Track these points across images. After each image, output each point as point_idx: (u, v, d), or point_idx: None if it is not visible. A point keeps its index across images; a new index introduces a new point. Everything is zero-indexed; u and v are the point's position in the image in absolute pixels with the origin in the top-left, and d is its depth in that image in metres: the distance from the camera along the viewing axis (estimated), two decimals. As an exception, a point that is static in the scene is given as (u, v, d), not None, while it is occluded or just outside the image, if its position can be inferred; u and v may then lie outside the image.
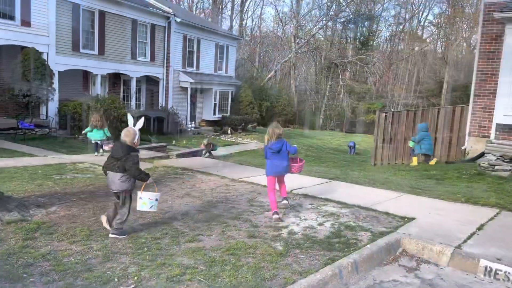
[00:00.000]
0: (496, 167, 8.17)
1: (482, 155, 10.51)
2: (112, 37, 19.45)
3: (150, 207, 4.74)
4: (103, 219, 4.85)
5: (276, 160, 5.79)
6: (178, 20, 22.96)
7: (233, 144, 22.32)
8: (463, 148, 11.56)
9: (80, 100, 16.37)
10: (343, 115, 49.85)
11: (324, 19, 50.73)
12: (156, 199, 4.80)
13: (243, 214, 5.73)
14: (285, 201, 5.97)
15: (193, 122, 25.51)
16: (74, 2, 17.20)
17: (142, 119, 4.96)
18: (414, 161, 11.78)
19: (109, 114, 16.12)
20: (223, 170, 8.86)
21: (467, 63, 52.82)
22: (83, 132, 12.68)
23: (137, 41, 21.12)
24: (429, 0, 53.58)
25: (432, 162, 11.65)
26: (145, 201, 4.69)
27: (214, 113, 26.99)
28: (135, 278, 3.58)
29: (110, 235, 4.60)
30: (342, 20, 52.44)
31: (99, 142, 12.06)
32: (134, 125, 4.83)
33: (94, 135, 11.95)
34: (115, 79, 21.17)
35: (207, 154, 16.78)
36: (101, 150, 12.07)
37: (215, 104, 26.92)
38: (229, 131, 25.49)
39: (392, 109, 50.59)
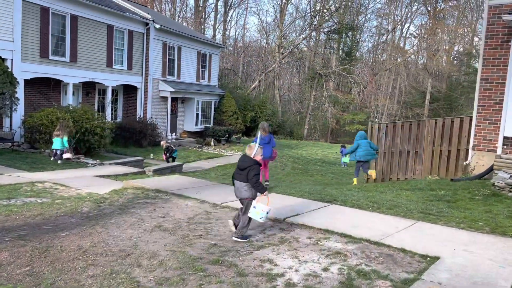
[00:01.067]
0: (514, 187, 7.24)
1: (489, 171, 9.58)
2: (85, 43, 18.14)
3: (260, 218, 5.06)
4: (230, 223, 5.36)
5: (265, 148, 8.14)
6: (158, 26, 21.79)
7: (217, 156, 21.11)
8: (465, 163, 10.64)
9: (48, 110, 14.97)
10: (327, 126, 49.21)
11: (308, 29, 50.19)
12: (267, 212, 5.12)
13: (227, 254, 4.55)
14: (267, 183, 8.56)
15: (174, 134, 24.22)
16: (42, 5, 15.87)
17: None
18: (354, 181, 11.89)
19: (80, 126, 14.79)
20: (203, 191, 7.67)
21: (448, 74, 53.11)
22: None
23: (114, 48, 19.83)
24: (410, 12, 53.64)
25: (372, 172, 11.84)
26: (258, 210, 5.05)
27: (196, 124, 25.76)
28: None
29: (233, 238, 5.10)
30: (326, 30, 52.05)
31: (58, 151, 12.86)
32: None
33: (54, 144, 12.89)
34: (89, 88, 19.80)
35: (168, 160, 15.82)
36: (59, 161, 12.73)
37: (197, 115, 25.71)
38: (212, 143, 24.28)
39: (378, 120, 50.23)
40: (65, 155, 13.01)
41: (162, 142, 16.77)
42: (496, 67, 9.78)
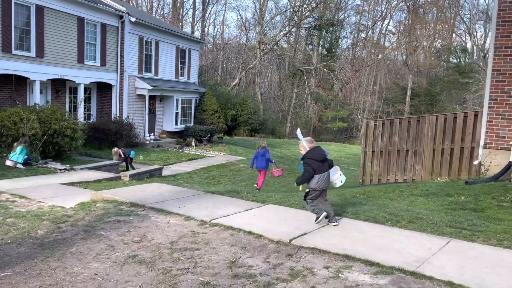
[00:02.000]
0: (548, 192, 6.31)
1: (505, 171, 8.68)
2: (53, 37, 16.60)
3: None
4: (323, 215, 5.45)
5: (259, 160, 11.42)
6: (133, 19, 20.33)
7: (198, 158, 19.84)
8: (475, 163, 9.76)
9: (11, 110, 13.46)
10: (310, 123, 48.36)
11: (289, 25, 49.20)
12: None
13: (224, 299, 3.39)
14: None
15: (152, 134, 22.81)
16: (3, -6, 14.31)
17: (298, 130, 6.59)
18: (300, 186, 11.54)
19: (48, 127, 13.34)
20: (187, 203, 6.47)
21: (428, 70, 53.00)
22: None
23: (85, 42, 18.31)
24: (390, 8, 53.25)
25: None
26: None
27: (176, 123, 24.39)
28: None
29: (334, 224, 5.41)
30: (306, 26, 51.16)
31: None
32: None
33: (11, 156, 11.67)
34: (59, 86, 18.23)
35: (129, 167, 14.10)
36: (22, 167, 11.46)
37: (177, 114, 24.34)
38: (193, 143, 22.98)
39: (361, 117, 49.68)
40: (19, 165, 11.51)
41: (114, 150, 14.45)
42: (509, 57, 8.88)
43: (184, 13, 49.78)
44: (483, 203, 6.55)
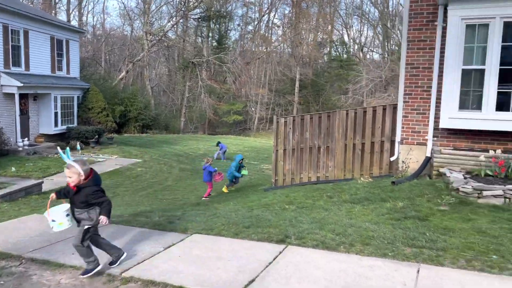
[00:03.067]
0: (485, 192, 6.05)
1: (424, 167, 8.55)
2: None
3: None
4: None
5: (204, 174, 12.35)
6: (-7, 3, 16.93)
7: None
8: (392, 158, 9.58)
9: None
10: (205, 117, 47.15)
11: (176, 16, 47.06)
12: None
13: None
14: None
15: (27, 139, 19.48)
16: None
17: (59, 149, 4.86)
18: (224, 189, 12.87)
19: None
20: (84, 244, 4.85)
21: (313, 62, 55.42)
22: None
23: None
24: (274, 1, 54.18)
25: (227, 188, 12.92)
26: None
27: (56, 125, 21.24)
28: None
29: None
30: (195, 17, 49.58)
31: None
32: None
33: None
34: None
35: None
36: None
37: (56, 113, 21.20)
38: (78, 146, 20.20)
39: (254, 110, 49.95)
40: None
41: None
42: (422, 50, 8.73)
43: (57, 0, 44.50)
44: (422, 208, 6.10)
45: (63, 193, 4.13)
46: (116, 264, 4.20)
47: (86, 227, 3.97)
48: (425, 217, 5.73)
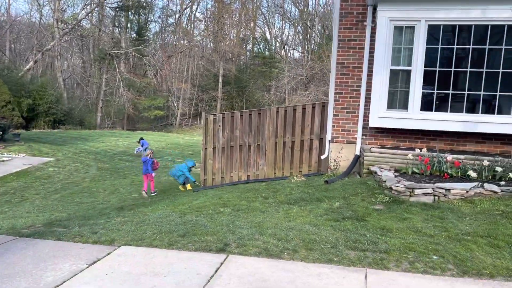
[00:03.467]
0: (416, 190, 6.17)
1: (354, 165, 8.66)
2: None
3: None
4: None
5: (144, 166, 11.93)
6: None
7: (-13, 164, 15.48)
8: (323, 157, 9.61)
9: None
10: (123, 112, 44.86)
11: (91, 4, 44.11)
12: None
13: None
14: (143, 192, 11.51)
15: None
16: None
17: None
18: (188, 186, 12.07)
19: None
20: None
21: (236, 57, 55.42)
22: None
23: None
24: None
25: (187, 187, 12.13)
26: None
27: (-51, 120, 18.71)
28: None
29: None
30: (112, 6, 46.93)
31: None
32: None
33: None
34: None
35: None
36: None
37: (-51, 107, 18.65)
38: (-23, 144, 17.99)
39: (176, 105, 48.57)
40: None
41: None
42: (352, 50, 8.82)
43: None
44: (358, 207, 6.07)
45: None
46: None
47: None
48: (362, 217, 5.69)
